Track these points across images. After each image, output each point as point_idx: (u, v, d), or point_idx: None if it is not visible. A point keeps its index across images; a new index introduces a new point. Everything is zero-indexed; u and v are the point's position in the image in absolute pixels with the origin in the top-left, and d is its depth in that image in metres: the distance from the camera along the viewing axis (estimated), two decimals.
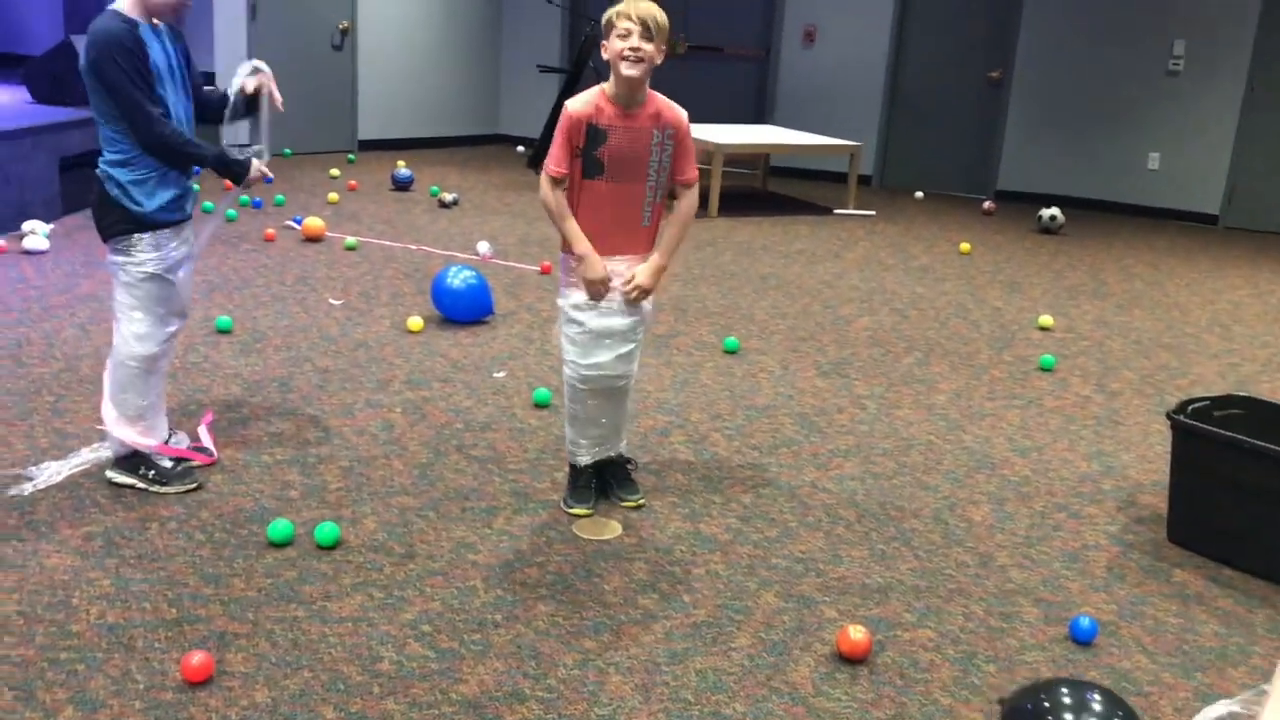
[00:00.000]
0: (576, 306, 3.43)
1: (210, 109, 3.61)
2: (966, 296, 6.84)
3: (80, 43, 7.76)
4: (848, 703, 2.66)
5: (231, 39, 10.13)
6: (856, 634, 2.83)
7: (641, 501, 3.65)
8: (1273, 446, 3.31)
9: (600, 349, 3.45)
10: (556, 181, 3.36)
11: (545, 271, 6.74)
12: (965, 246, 8.29)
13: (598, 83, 3.40)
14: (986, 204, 10.26)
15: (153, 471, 3.55)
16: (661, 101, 3.39)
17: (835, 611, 3.07)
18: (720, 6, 11.74)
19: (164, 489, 3.52)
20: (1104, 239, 9.16)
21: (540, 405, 4.48)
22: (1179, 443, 3.59)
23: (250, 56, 10.08)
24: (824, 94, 11.35)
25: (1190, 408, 3.63)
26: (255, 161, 3.54)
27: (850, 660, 2.83)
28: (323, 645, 2.76)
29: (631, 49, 3.22)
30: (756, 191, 10.51)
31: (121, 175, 3.36)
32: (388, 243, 7.24)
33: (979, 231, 9.18)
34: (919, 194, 10.87)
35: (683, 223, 3.48)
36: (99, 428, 3.95)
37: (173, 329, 3.58)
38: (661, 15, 3.25)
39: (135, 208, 3.38)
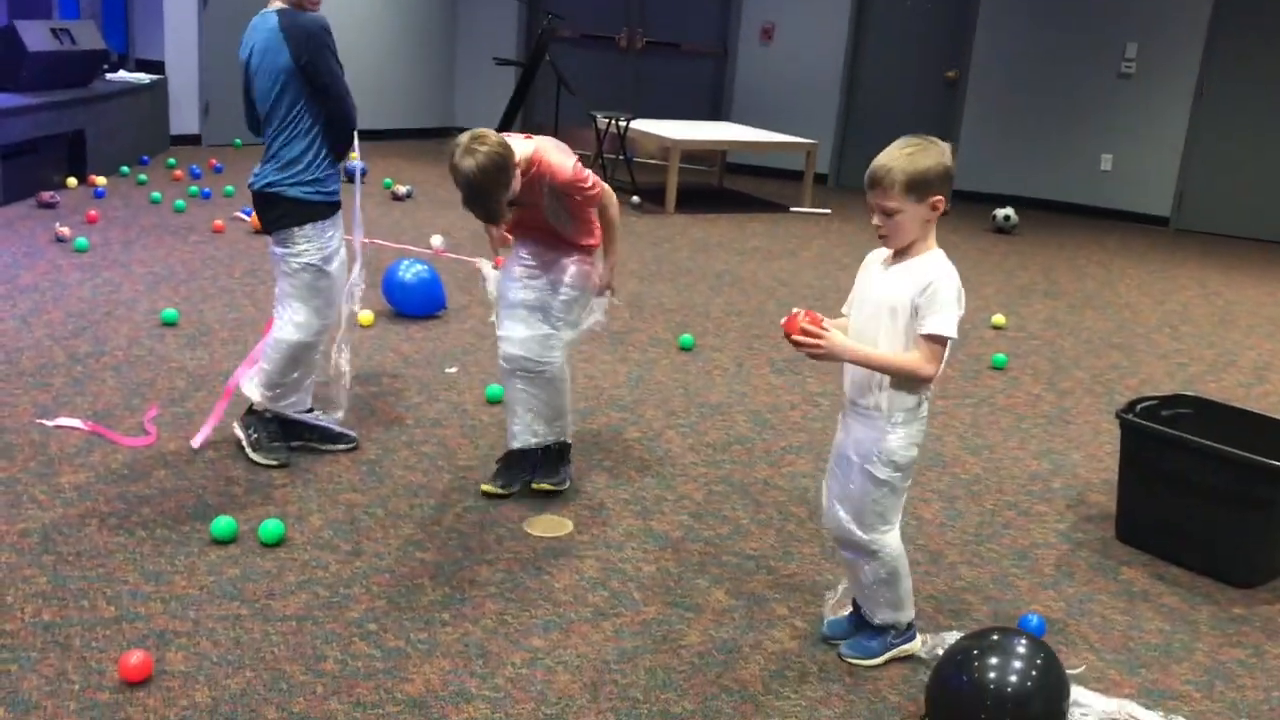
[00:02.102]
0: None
1: None
2: None
3: (32, 28, 7.61)
4: (797, 700, 2.65)
5: (182, 28, 9.96)
6: None
7: (548, 487, 3.63)
8: (1218, 445, 3.34)
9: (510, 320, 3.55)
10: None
11: (498, 266, 6.67)
12: None
13: (555, 77, 3.35)
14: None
15: (256, 435, 3.72)
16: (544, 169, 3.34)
17: (786, 609, 3.06)
18: (678, 3, 11.72)
19: (253, 454, 3.69)
20: (1057, 239, 9.25)
21: (493, 401, 4.43)
22: (1127, 441, 3.62)
23: (200, 44, 9.93)
24: (781, 92, 11.37)
25: (1139, 407, 3.66)
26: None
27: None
28: (265, 644, 2.70)
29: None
30: (713, 188, 10.51)
31: (287, 178, 3.55)
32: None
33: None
34: None
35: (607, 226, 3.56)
36: (38, 421, 3.87)
37: (329, 320, 3.73)
38: (470, 189, 3.15)
39: (299, 194, 3.55)
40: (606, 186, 3.48)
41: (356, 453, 3.86)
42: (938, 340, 2.52)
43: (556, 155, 3.32)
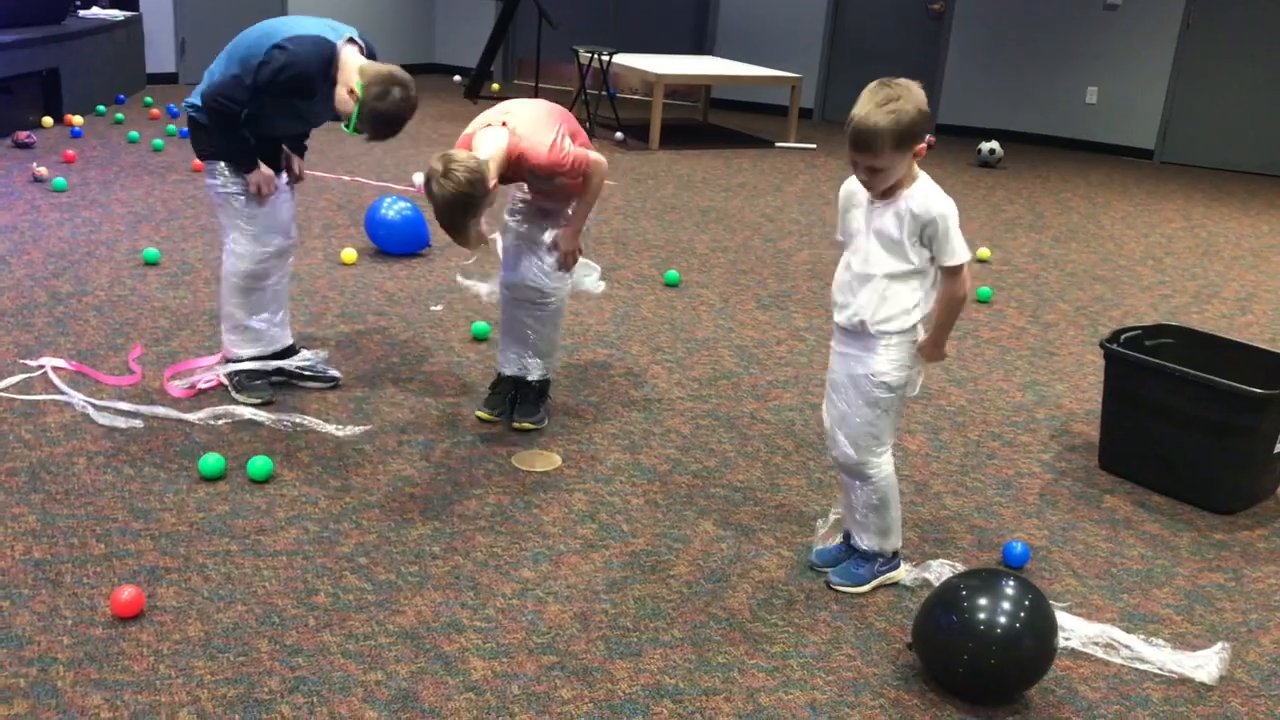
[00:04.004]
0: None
1: None
2: None
3: None
4: (784, 628, 2.69)
5: None
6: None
7: (529, 426, 3.64)
8: (1201, 374, 3.37)
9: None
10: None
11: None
12: None
13: (536, 11, 3.32)
14: (927, 137, 10.25)
15: (237, 377, 3.72)
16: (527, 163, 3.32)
17: (773, 539, 3.09)
18: None
19: (236, 395, 3.69)
20: (1042, 172, 9.23)
21: (478, 338, 4.43)
22: (1111, 371, 3.64)
23: None
24: (765, 25, 11.24)
25: (1122, 337, 3.68)
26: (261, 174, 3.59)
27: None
28: (256, 579, 2.72)
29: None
30: (697, 124, 10.43)
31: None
32: (320, 174, 7.08)
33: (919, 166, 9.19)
34: None
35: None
36: (21, 362, 3.85)
37: (271, 249, 3.65)
38: (440, 217, 3.08)
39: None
40: (595, 156, 3.40)
41: (343, 390, 3.86)
42: (960, 268, 2.61)
43: (531, 141, 3.25)
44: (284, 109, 3.47)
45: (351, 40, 3.46)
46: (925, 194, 2.58)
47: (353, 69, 3.36)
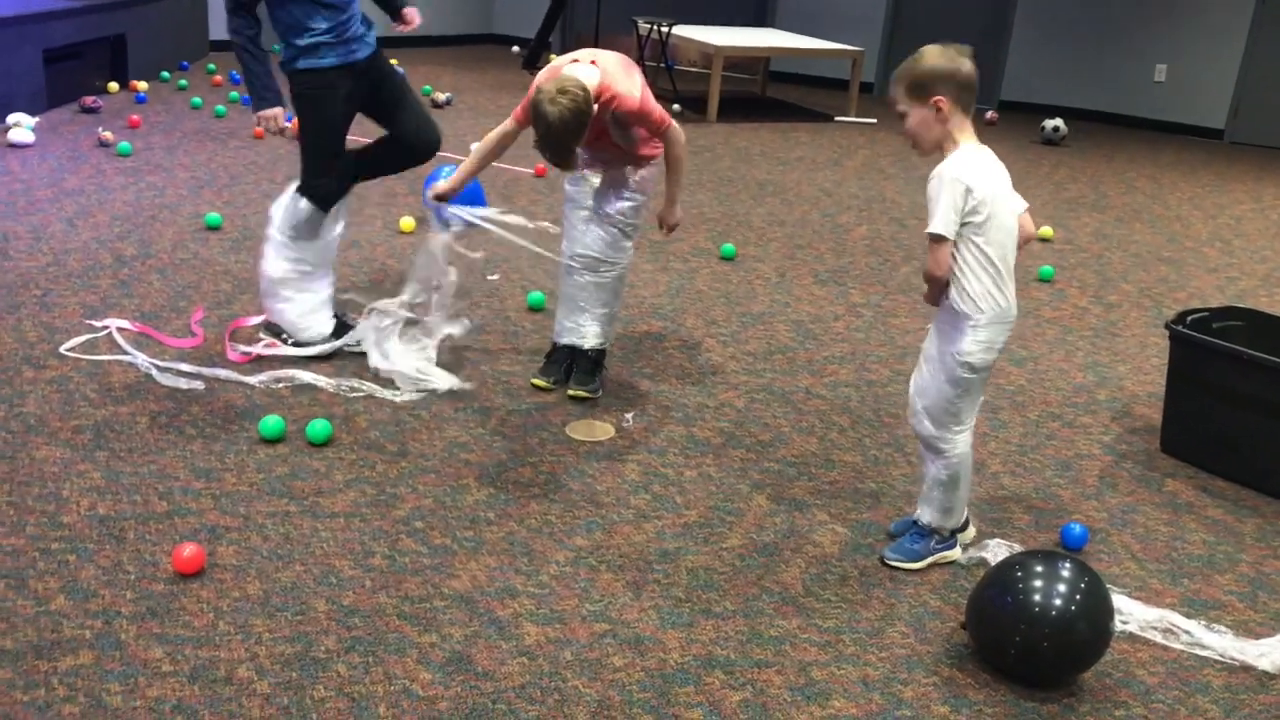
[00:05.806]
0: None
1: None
2: None
3: None
4: (838, 603, 2.67)
5: None
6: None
7: (583, 394, 3.65)
8: (1271, 358, 3.29)
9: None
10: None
11: (540, 174, 6.64)
12: None
13: None
14: (989, 114, 10.10)
15: (293, 341, 3.81)
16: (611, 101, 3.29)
17: (827, 515, 3.08)
18: None
19: (299, 349, 3.78)
20: (1107, 151, 9.05)
21: (534, 309, 4.44)
22: (1176, 353, 3.57)
23: None
24: None
25: (1189, 319, 3.60)
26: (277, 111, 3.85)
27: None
28: (315, 540, 2.75)
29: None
30: (756, 97, 10.34)
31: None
32: None
33: (981, 141, 9.04)
34: None
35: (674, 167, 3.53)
36: (87, 322, 3.92)
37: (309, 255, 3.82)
38: (549, 136, 3.08)
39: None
40: (675, 123, 3.43)
41: None
42: (930, 239, 2.56)
43: (624, 83, 3.27)
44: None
45: None
46: (945, 161, 2.56)
47: None
